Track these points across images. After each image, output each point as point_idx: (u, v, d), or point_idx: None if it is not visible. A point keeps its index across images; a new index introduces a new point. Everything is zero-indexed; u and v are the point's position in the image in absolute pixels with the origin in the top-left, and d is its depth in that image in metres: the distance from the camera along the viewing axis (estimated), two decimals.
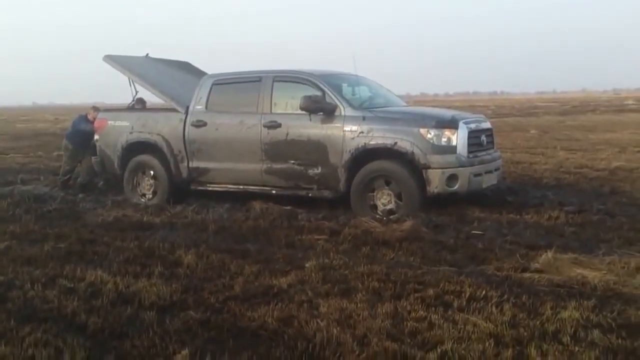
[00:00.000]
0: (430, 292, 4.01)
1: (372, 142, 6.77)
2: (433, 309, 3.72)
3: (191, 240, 5.67)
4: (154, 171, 8.30)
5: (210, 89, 7.93)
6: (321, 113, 7.01)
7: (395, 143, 6.63)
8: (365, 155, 6.82)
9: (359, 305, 3.81)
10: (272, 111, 7.41)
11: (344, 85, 7.57)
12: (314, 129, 7.09)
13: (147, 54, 9.78)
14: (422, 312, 3.65)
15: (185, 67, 10.21)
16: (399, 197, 6.66)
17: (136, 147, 8.43)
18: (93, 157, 8.92)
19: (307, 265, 4.72)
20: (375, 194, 6.79)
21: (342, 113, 6.96)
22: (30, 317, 3.72)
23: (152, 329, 3.46)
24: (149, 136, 8.27)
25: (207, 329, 3.49)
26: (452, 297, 3.92)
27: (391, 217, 6.50)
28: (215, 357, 3.04)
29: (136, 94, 9.41)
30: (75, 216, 7.10)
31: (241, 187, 7.72)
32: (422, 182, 6.54)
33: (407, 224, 5.96)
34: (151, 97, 9.42)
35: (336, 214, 6.83)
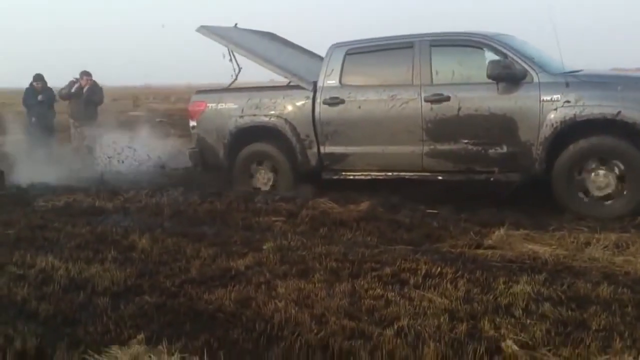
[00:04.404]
0: (387, 270, 4.04)
1: (584, 113, 5.64)
2: (390, 286, 3.75)
3: (145, 225, 5.56)
4: (273, 160, 7.24)
5: (344, 60, 6.82)
6: (506, 81, 5.94)
7: (619, 112, 5.50)
8: (573, 129, 5.73)
9: (316, 285, 3.81)
10: (434, 82, 6.32)
11: (520, 46, 6.36)
12: (497, 100, 5.98)
13: (236, 24, 8.50)
14: (379, 290, 3.68)
15: (274, 38, 9.05)
16: (620, 179, 5.60)
17: (249, 133, 7.29)
18: (189, 149, 7.85)
19: (264, 247, 4.70)
20: (587, 175, 5.73)
21: (536, 79, 5.86)
22: None
23: (105, 314, 3.39)
24: (267, 119, 7.13)
25: (163, 313, 3.43)
26: (408, 274, 3.96)
27: (606, 203, 5.66)
28: (172, 341, 2.99)
29: (239, 70, 8.06)
30: (24, 202, 6.87)
31: (391, 173, 6.64)
32: None
33: (364, 205, 5.99)
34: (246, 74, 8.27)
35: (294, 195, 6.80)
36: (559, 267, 4.14)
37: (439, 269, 4.03)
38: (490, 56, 6.11)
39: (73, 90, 10.30)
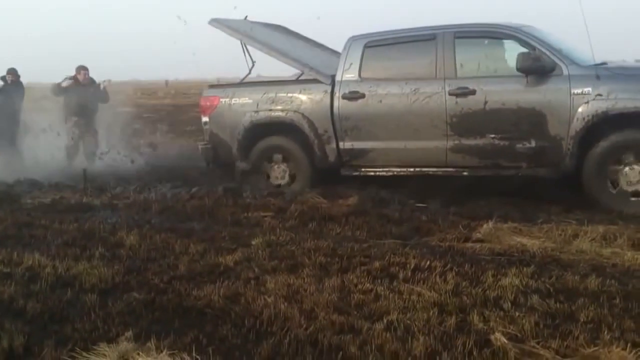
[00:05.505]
0: (376, 264, 4.04)
1: (617, 106, 5.50)
2: (379, 281, 3.75)
3: (133, 221, 5.53)
4: (289, 156, 7.04)
5: (363, 53, 6.63)
6: (535, 74, 5.79)
7: None
8: (605, 123, 5.58)
9: (306, 280, 3.81)
10: (458, 75, 6.15)
11: (547, 38, 6.14)
12: (525, 93, 5.84)
13: (246, 17, 8.16)
14: (368, 285, 3.68)
15: (285, 31, 8.74)
16: None
17: (264, 129, 7.11)
18: (201, 144, 7.59)
19: (253, 242, 4.68)
20: (620, 170, 5.59)
21: (565, 72, 5.72)
22: None
23: (93, 311, 3.36)
24: (283, 114, 6.93)
25: (152, 309, 3.41)
26: (397, 268, 3.96)
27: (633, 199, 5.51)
28: (161, 337, 2.97)
29: (253, 64, 7.83)
30: (11, 199, 6.80)
31: (412, 169, 6.45)
32: None
33: (353, 199, 6.00)
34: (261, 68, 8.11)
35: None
36: (547, 260, 4.16)
37: (428, 262, 4.03)
38: (512, 47, 5.99)
39: (64, 84, 10.05)
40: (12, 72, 10.51)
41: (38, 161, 9.22)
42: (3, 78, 10.47)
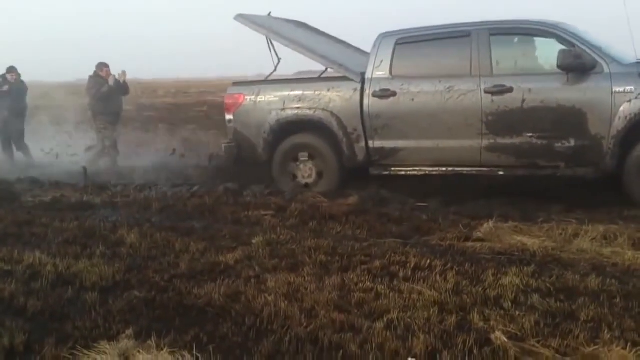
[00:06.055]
0: (377, 263, 4.05)
1: None
2: (379, 279, 3.76)
3: (134, 219, 5.54)
4: (316, 155, 6.86)
5: (394, 50, 6.49)
6: (576, 72, 5.68)
7: None
8: None
9: (306, 279, 3.81)
10: (495, 73, 6.04)
11: (586, 36, 6.02)
12: (565, 92, 5.74)
13: (270, 13, 8.03)
14: (368, 284, 3.69)
15: (308, 28, 8.59)
16: None
17: (291, 127, 6.94)
18: (224, 142, 7.41)
19: (254, 241, 4.68)
20: None
21: (607, 70, 5.62)
22: None
23: (94, 309, 3.37)
24: (311, 112, 6.77)
25: (152, 308, 3.41)
26: (397, 267, 3.97)
27: None
28: (161, 336, 2.98)
29: (279, 61, 7.72)
30: (11, 197, 6.82)
31: (445, 169, 6.32)
32: None
33: (354, 198, 6.01)
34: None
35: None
36: (547, 259, 4.17)
37: (429, 261, 4.04)
38: (549, 45, 5.90)
39: (105, 89, 9.71)
40: (13, 70, 10.52)
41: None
42: (3, 77, 10.48)
